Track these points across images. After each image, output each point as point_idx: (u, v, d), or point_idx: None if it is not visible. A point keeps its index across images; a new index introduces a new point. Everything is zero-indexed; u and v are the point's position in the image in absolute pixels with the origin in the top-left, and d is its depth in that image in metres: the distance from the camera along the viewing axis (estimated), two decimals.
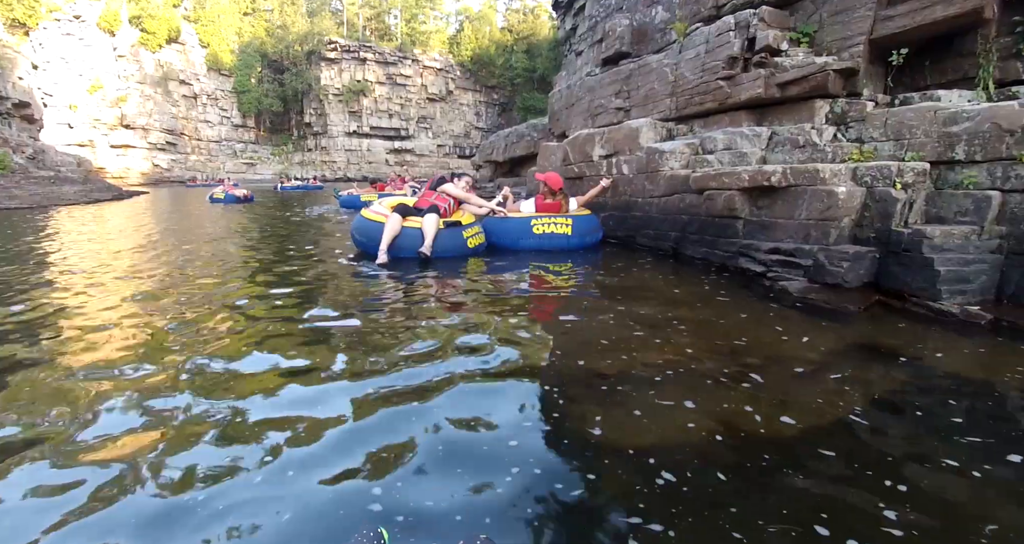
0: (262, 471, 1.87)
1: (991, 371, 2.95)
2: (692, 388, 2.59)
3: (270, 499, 1.71)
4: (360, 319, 3.74)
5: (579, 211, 6.98)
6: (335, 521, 1.60)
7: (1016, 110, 4.12)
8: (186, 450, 2.01)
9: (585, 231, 6.76)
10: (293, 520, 1.61)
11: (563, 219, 6.66)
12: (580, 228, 6.71)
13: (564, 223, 6.64)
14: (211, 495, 1.73)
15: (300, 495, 1.73)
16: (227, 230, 9.87)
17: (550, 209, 6.86)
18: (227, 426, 2.20)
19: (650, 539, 1.54)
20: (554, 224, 6.63)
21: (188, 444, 2.05)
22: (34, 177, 22.83)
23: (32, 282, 5.04)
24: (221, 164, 60.57)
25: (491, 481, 1.80)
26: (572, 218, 6.69)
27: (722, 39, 6.19)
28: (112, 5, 53.07)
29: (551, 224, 6.63)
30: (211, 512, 1.65)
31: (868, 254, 4.31)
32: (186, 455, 1.98)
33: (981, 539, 1.56)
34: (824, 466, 1.94)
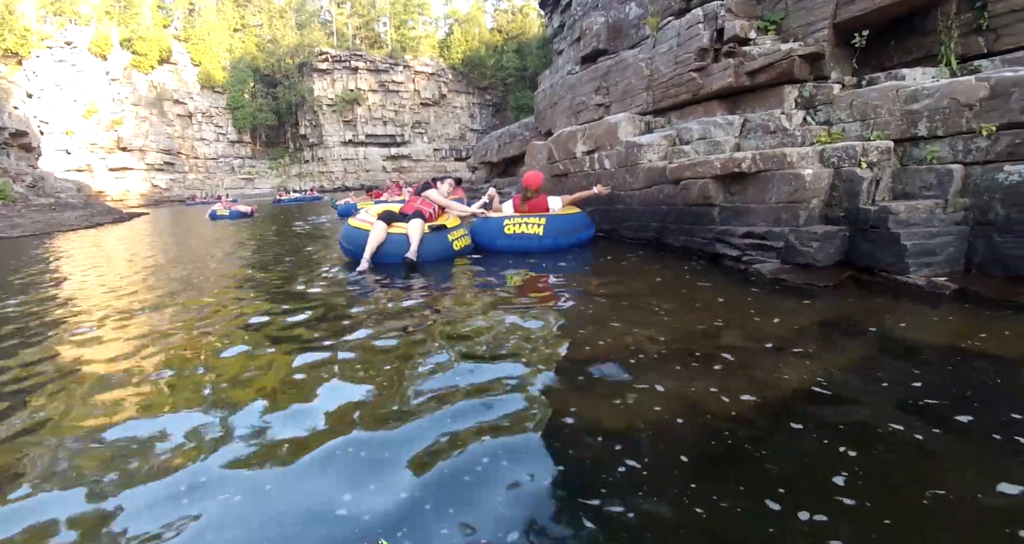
0: (261, 486, 1.87)
1: (952, 338, 3.07)
2: (665, 372, 2.69)
3: (268, 515, 1.70)
4: (349, 326, 3.85)
5: (565, 210, 6.82)
6: (333, 535, 1.60)
7: (973, 85, 4.24)
8: (176, 462, 2.04)
9: (559, 231, 6.53)
10: (292, 536, 1.61)
11: (535, 219, 6.50)
12: (553, 228, 6.48)
13: (536, 223, 6.48)
14: (207, 510, 1.75)
15: (300, 509, 1.72)
16: (226, 247, 10.02)
17: (532, 208, 6.81)
18: (222, 439, 2.20)
19: (611, 520, 1.60)
20: (525, 224, 6.50)
21: (176, 456, 2.09)
22: (35, 205, 23.08)
23: (42, 312, 5.18)
24: (219, 181, 60.86)
25: (462, 474, 1.87)
26: (546, 218, 6.51)
27: (692, 32, 6.33)
28: (102, 29, 53.46)
29: (523, 224, 6.51)
30: (208, 526, 1.66)
31: (838, 233, 4.43)
32: (177, 468, 2.00)
33: (924, 501, 1.63)
34: (783, 440, 2.02)
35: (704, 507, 1.64)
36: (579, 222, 6.80)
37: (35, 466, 2.08)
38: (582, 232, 6.80)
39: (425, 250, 5.92)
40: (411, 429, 2.20)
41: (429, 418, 2.30)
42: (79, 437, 2.29)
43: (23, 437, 2.31)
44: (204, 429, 2.31)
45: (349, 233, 6.19)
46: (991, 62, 4.94)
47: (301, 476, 1.91)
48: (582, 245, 6.79)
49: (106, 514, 1.76)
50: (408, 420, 2.29)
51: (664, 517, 1.61)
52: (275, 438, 2.20)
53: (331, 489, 1.81)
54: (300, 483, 1.87)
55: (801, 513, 1.58)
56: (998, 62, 4.89)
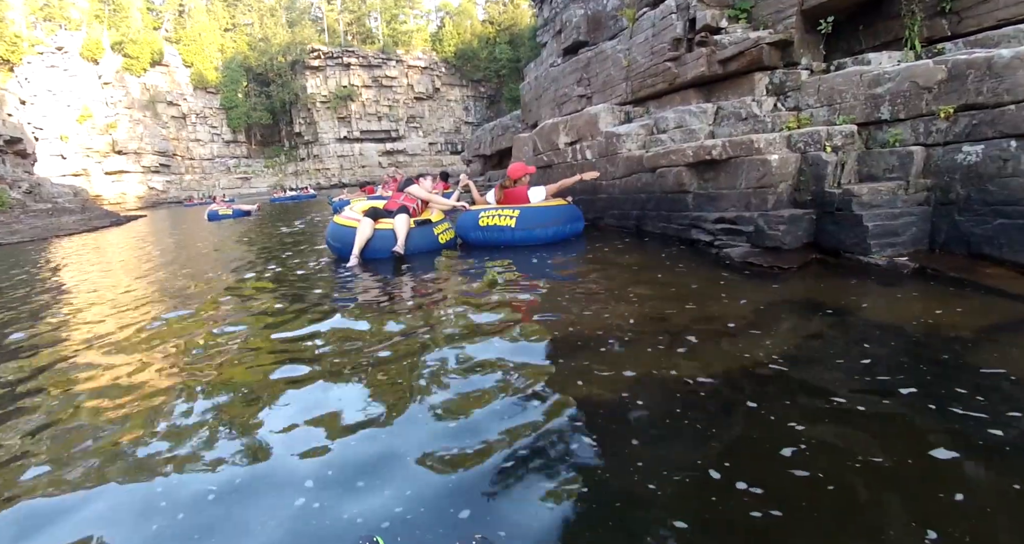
0: (254, 481, 1.89)
1: (908, 316, 3.19)
2: (631, 355, 2.82)
3: (263, 511, 1.72)
4: (342, 318, 3.97)
5: (548, 202, 6.64)
6: (330, 531, 1.61)
7: (931, 68, 4.35)
8: (178, 457, 2.08)
9: (534, 223, 6.32)
10: (287, 531, 1.62)
11: (509, 211, 6.37)
12: (526, 220, 6.30)
13: (509, 215, 6.33)
14: (198, 504, 1.78)
15: (295, 504, 1.74)
16: (222, 247, 10.13)
17: (512, 199, 6.68)
18: (216, 437, 2.24)
19: (560, 491, 1.71)
20: (499, 216, 6.38)
21: (180, 451, 2.12)
22: (32, 211, 23.21)
23: (46, 313, 5.31)
24: (216, 181, 60.92)
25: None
26: (520, 210, 6.35)
27: (666, 22, 6.44)
28: (93, 34, 53.37)
29: (496, 216, 6.39)
30: (201, 523, 1.69)
31: (805, 216, 4.56)
32: (180, 463, 2.04)
33: (863, 468, 1.72)
34: (735, 416, 2.13)
35: (649, 478, 1.75)
36: (560, 214, 6.52)
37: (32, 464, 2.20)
38: (564, 225, 6.53)
39: (412, 243, 6.07)
40: (401, 420, 2.29)
41: (417, 401, 2.45)
42: (77, 434, 2.41)
43: (23, 437, 2.42)
44: (199, 427, 2.37)
45: (335, 230, 6.31)
46: (954, 45, 5.05)
47: (294, 473, 1.93)
48: (567, 238, 6.59)
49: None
50: (392, 403, 2.43)
51: (610, 487, 1.73)
52: (264, 437, 2.23)
53: (323, 486, 1.83)
54: (294, 480, 1.88)
55: (739, 483, 1.67)
56: (961, 44, 5.00)
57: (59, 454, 2.20)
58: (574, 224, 6.65)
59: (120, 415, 2.55)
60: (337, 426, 2.26)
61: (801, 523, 1.51)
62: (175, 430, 2.35)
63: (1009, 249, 3.79)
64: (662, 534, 1.50)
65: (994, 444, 1.80)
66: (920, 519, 1.48)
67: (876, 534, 1.46)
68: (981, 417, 1.96)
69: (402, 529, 1.58)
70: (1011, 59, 3.88)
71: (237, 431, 2.31)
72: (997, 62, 3.95)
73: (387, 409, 2.39)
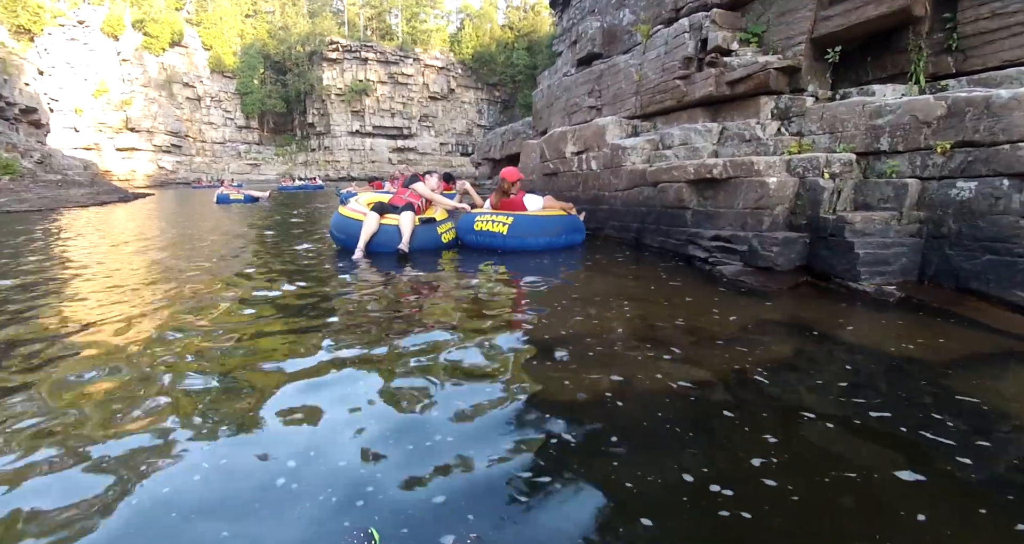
0: (250, 471, 1.89)
1: (889, 342, 3.27)
2: (617, 363, 2.88)
3: (257, 500, 1.72)
4: (346, 311, 4.06)
5: (546, 211, 6.55)
6: (325, 522, 1.61)
7: (931, 103, 4.45)
8: (171, 447, 2.05)
9: (526, 232, 6.29)
10: (281, 520, 1.63)
11: (503, 218, 6.36)
12: (519, 229, 6.26)
13: (503, 222, 6.32)
14: (200, 493, 1.78)
15: (288, 494, 1.75)
16: (228, 232, 10.21)
17: (508, 206, 6.62)
18: (212, 425, 2.22)
19: (535, 488, 1.77)
20: (492, 222, 6.38)
21: (173, 441, 2.09)
22: (42, 181, 23.38)
23: (49, 282, 5.42)
24: (226, 165, 61.16)
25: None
26: (513, 218, 6.32)
27: (678, 40, 6.56)
28: (115, 10, 53.76)
29: (491, 222, 6.39)
30: (200, 509, 1.69)
31: (798, 239, 4.65)
32: (172, 452, 2.02)
33: (829, 482, 1.80)
34: (711, 425, 2.21)
35: (625, 478, 1.82)
36: (554, 225, 6.45)
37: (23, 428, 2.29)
38: (559, 236, 6.47)
39: (415, 241, 6.15)
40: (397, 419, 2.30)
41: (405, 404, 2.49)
42: (64, 400, 2.50)
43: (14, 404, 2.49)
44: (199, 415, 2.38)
45: (340, 222, 6.39)
46: (958, 82, 5.16)
47: (288, 465, 1.92)
48: (563, 248, 6.53)
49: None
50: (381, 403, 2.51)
51: (585, 487, 1.79)
52: (255, 422, 2.25)
53: (319, 487, 1.80)
54: (290, 474, 1.87)
55: (712, 486, 1.75)
56: (964, 82, 5.11)
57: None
58: (571, 235, 6.60)
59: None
60: (323, 422, 2.26)
61: (766, 528, 1.59)
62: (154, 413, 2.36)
63: (996, 285, 3.86)
64: (632, 530, 1.58)
65: (961, 471, 1.87)
66: (880, 534, 1.55)
67: (834, 542, 1.54)
68: (949, 444, 2.03)
69: (396, 522, 1.61)
70: (1008, 100, 3.97)
71: (226, 417, 2.32)
72: (995, 102, 4.04)
73: (372, 403, 2.42)
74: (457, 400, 2.43)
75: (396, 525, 1.59)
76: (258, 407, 2.39)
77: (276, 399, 2.46)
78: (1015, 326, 3.50)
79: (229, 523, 1.62)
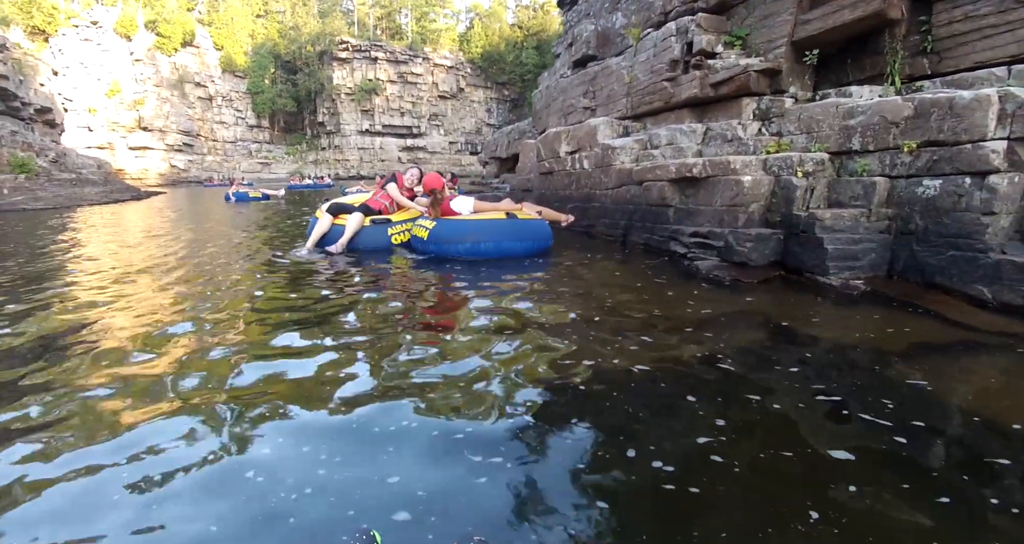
0: (254, 467, 1.91)
1: (847, 332, 3.45)
2: (591, 349, 3.08)
3: (262, 499, 1.74)
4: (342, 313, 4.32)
5: (482, 215, 6.11)
6: (326, 522, 1.63)
7: (899, 104, 4.62)
8: (167, 441, 2.10)
9: (448, 238, 5.91)
10: (285, 521, 1.64)
11: (428, 223, 6.08)
12: (440, 234, 5.93)
13: (425, 227, 6.08)
14: (200, 489, 1.80)
15: (291, 494, 1.76)
16: (241, 227, 10.50)
17: (444, 211, 6.21)
18: (215, 424, 2.24)
19: (490, 466, 1.90)
20: (420, 227, 6.21)
21: (168, 435, 2.14)
22: (57, 179, 23.82)
23: (65, 278, 5.70)
24: (237, 164, 61.73)
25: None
26: (437, 223, 5.99)
27: (666, 44, 6.76)
28: (128, 10, 54.42)
29: (419, 227, 6.23)
30: (198, 506, 1.71)
31: (772, 236, 4.83)
32: (166, 446, 2.06)
33: (765, 458, 1.94)
34: (664, 406, 2.37)
35: (575, 454, 1.99)
36: (485, 229, 5.92)
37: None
38: (493, 242, 5.90)
39: (361, 241, 6.42)
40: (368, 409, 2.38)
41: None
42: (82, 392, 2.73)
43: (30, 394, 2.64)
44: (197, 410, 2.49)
45: (311, 223, 6.78)
46: (933, 83, 5.32)
47: (288, 462, 1.96)
48: (505, 255, 5.95)
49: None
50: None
51: (536, 461, 1.95)
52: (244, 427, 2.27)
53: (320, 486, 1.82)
54: (288, 471, 1.90)
55: (655, 462, 1.90)
56: (939, 83, 5.27)
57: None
58: (517, 242, 5.98)
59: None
60: (327, 420, 2.30)
61: (707, 498, 1.73)
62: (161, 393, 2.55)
63: (959, 279, 4.03)
64: (575, 501, 1.73)
65: (894, 449, 2.01)
66: (810, 503, 1.69)
67: (767, 507, 1.69)
68: (887, 425, 2.16)
69: (398, 524, 1.62)
70: (970, 101, 4.13)
71: (226, 412, 2.38)
72: (958, 103, 4.21)
73: (365, 403, 2.45)
74: (429, 388, 2.60)
75: (396, 527, 1.60)
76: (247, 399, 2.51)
77: (266, 393, 2.56)
78: (973, 318, 3.66)
79: (231, 524, 1.64)
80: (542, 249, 6.16)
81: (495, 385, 2.59)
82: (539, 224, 6.15)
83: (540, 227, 6.15)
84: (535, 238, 6.08)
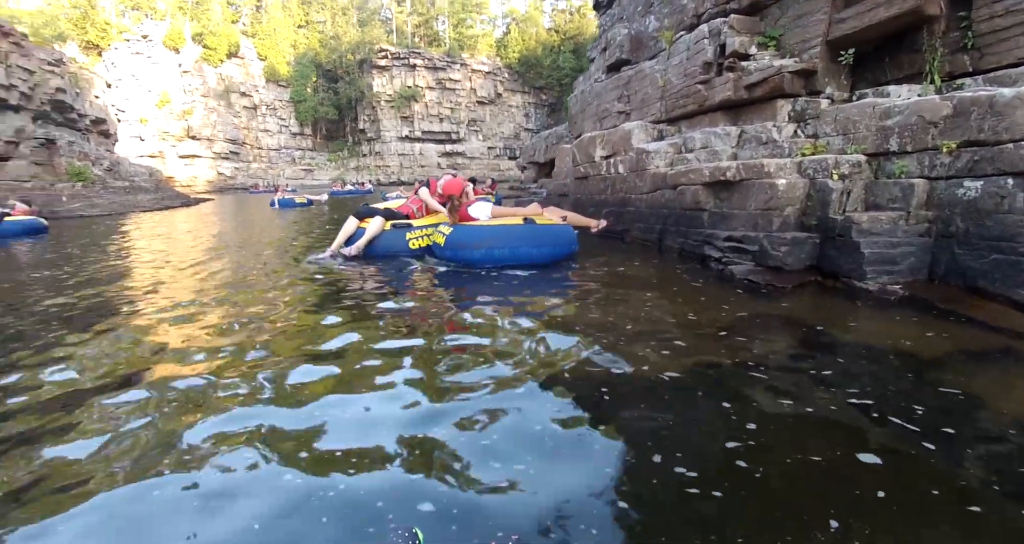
0: (301, 465, 1.97)
1: (885, 337, 3.37)
2: (624, 350, 3.11)
3: (308, 495, 1.79)
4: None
5: (498, 220, 5.96)
6: (370, 520, 1.65)
7: (937, 103, 4.52)
8: (225, 442, 2.14)
9: (464, 243, 5.76)
10: (330, 517, 1.68)
11: (445, 229, 5.96)
12: (457, 239, 5.79)
13: (442, 233, 5.97)
14: (249, 487, 1.84)
15: (337, 492, 1.79)
16: (287, 231, 10.80)
17: (462, 217, 6.21)
18: (264, 427, 2.27)
19: (520, 473, 1.90)
20: (438, 234, 6.10)
21: (223, 438, 2.18)
22: (111, 187, 24.86)
23: (137, 276, 5.98)
24: (281, 171, 63.33)
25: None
26: (453, 229, 5.86)
27: (699, 46, 6.72)
28: (176, 24, 56.47)
29: (437, 234, 6.15)
30: (247, 504, 1.75)
31: (807, 239, 4.77)
32: (224, 447, 2.10)
33: (792, 464, 1.92)
34: (691, 410, 2.38)
35: (600, 460, 2.00)
36: (502, 235, 5.76)
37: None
38: (509, 248, 5.74)
39: (380, 245, 6.51)
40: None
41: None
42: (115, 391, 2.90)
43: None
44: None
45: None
46: (974, 80, 5.18)
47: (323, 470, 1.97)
48: (525, 261, 5.78)
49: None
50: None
51: (566, 459, 2.00)
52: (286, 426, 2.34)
53: (366, 486, 1.85)
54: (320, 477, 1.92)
55: (678, 468, 1.88)
56: (980, 80, 5.13)
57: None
58: (534, 249, 5.79)
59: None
60: (368, 418, 2.36)
61: (728, 504, 1.72)
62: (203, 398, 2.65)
63: (1002, 284, 3.91)
64: (599, 506, 1.73)
65: (922, 456, 1.98)
66: (834, 511, 1.67)
67: (789, 514, 1.68)
68: (916, 431, 2.14)
69: (441, 521, 1.66)
70: (1012, 98, 4.02)
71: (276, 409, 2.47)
72: (998, 101, 4.10)
73: (411, 401, 2.51)
74: (455, 387, 2.68)
75: (441, 524, 1.64)
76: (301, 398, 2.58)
77: (317, 390, 2.66)
78: (1015, 324, 3.54)
79: (273, 518, 1.69)
80: (563, 255, 5.96)
81: (522, 389, 2.62)
82: (559, 230, 5.93)
83: (560, 233, 5.92)
84: (554, 244, 5.87)
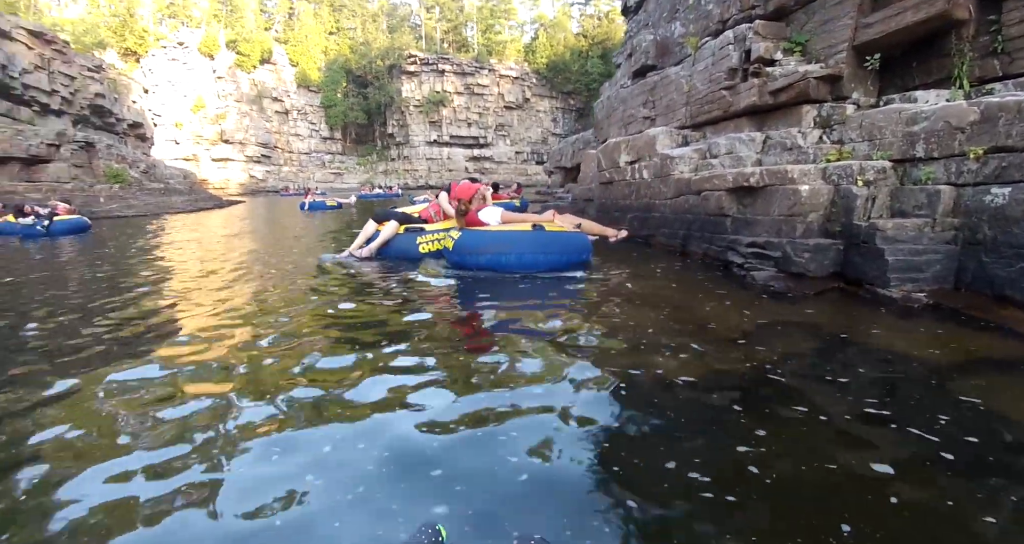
0: (325, 464, 2.00)
1: (906, 345, 3.35)
2: (643, 360, 3.10)
3: (331, 493, 1.82)
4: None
5: (507, 226, 5.85)
6: (395, 517, 1.68)
7: (964, 109, 4.47)
8: (248, 446, 2.16)
9: (470, 249, 5.66)
10: (354, 515, 1.71)
11: (456, 233, 5.85)
12: (464, 245, 5.70)
13: (452, 238, 5.88)
14: (272, 486, 1.86)
15: (362, 489, 1.83)
16: (312, 233, 11.01)
17: (470, 222, 6.02)
18: (286, 423, 2.34)
19: (533, 475, 1.93)
20: (448, 238, 6.01)
21: (247, 440, 2.21)
22: (147, 189, 25.57)
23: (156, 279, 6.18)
24: (311, 174, 64.38)
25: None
26: (462, 233, 5.77)
27: (724, 52, 6.71)
28: (211, 31, 57.90)
29: (447, 238, 6.05)
30: (274, 503, 1.77)
31: (831, 246, 4.74)
32: (246, 449, 2.14)
33: (807, 471, 1.93)
34: (705, 415, 2.40)
35: (613, 462, 2.02)
36: (509, 241, 5.63)
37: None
38: (516, 254, 5.59)
39: (393, 249, 6.65)
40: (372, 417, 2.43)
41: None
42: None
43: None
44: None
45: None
46: (1004, 85, 5.09)
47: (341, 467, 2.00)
48: (535, 269, 5.61)
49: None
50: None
51: (583, 462, 2.02)
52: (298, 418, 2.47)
53: (392, 483, 1.88)
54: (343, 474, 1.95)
55: (692, 472, 1.91)
56: (1011, 85, 5.05)
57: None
58: (541, 255, 5.61)
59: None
60: (396, 417, 2.40)
61: (739, 509, 1.73)
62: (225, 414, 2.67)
63: None
64: (610, 509, 1.75)
65: (939, 465, 1.97)
66: (847, 516, 1.68)
67: (799, 519, 1.70)
68: (934, 440, 2.12)
69: (464, 520, 1.68)
70: None
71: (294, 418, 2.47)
72: None
73: (436, 402, 2.55)
74: (476, 385, 2.75)
75: (459, 524, 1.66)
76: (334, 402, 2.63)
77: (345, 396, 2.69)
78: None
79: (301, 516, 1.72)
80: (573, 263, 5.73)
81: (539, 390, 2.66)
82: (570, 237, 5.77)
83: (571, 240, 5.76)
84: (563, 251, 5.68)
